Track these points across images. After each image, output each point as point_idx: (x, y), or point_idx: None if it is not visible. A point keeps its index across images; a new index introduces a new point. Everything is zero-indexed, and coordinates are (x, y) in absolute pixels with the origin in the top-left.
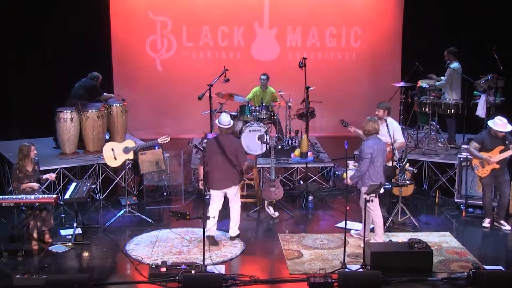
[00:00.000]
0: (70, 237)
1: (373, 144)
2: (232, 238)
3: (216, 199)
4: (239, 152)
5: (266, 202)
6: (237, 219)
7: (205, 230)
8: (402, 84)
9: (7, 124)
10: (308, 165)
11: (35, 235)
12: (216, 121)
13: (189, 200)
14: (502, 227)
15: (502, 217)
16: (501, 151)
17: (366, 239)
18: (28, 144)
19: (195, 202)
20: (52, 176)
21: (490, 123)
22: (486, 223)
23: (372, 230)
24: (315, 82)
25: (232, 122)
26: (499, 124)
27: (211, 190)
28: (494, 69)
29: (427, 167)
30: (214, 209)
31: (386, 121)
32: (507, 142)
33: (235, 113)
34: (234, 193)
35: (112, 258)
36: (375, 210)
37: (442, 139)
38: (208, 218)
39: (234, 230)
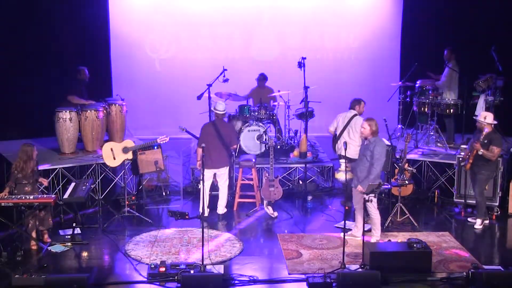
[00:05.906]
0: (69, 237)
1: (384, 144)
2: (220, 216)
3: (207, 177)
4: (232, 133)
5: (265, 202)
6: (225, 197)
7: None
8: (400, 84)
9: (7, 124)
10: (307, 165)
11: (34, 235)
12: (212, 108)
13: (188, 200)
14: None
15: (478, 215)
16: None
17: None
18: (31, 145)
19: (194, 202)
20: (44, 181)
21: None
22: (472, 219)
23: (369, 230)
24: (314, 82)
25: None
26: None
27: (204, 169)
28: (493, 68)
29: (426, 167)
30: (206, 187)
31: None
32: (486, 141)
33: (234, 113)
34: (223, 173)
35: (111, 258)
36: (373, 209)
37: (441, 139)
38: (203, 215)
39: (222, 208)
